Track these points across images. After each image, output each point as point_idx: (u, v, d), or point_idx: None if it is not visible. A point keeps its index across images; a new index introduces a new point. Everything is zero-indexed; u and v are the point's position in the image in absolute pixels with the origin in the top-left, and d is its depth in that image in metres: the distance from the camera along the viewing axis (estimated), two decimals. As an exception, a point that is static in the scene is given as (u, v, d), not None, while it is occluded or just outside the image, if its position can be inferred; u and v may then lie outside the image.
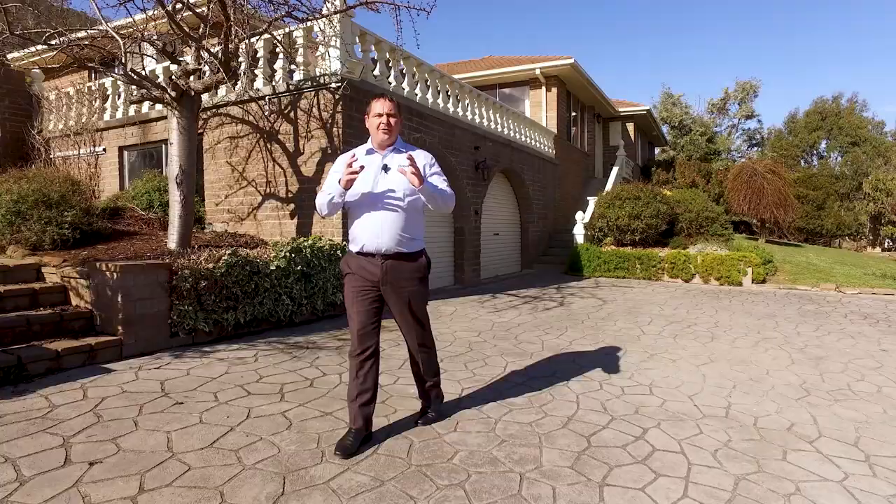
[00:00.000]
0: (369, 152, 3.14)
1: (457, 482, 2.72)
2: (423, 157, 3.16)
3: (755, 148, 35.39)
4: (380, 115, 3.07)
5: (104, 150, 9.90)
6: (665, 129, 31.15)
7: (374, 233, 3.02)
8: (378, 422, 3.40)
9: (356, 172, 2.85)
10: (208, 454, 2.92)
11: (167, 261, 4.97)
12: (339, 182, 2.91)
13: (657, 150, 30.12)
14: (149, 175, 8.50)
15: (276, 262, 5.64)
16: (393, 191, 3.02)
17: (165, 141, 9.06)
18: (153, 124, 9.08)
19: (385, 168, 3.06)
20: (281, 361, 4.71)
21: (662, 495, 2.67)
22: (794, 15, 69.00)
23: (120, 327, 4.54)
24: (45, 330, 4.46)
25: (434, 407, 3.52)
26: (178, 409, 3.55)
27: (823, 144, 36.14)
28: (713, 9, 74.95)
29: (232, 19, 5.51)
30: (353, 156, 3.07)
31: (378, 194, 3.02)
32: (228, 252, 5.25)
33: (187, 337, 5.06)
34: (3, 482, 2.55)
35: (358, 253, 3.09)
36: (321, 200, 3.08)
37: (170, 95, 5.87)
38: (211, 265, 5.07)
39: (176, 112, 5.94)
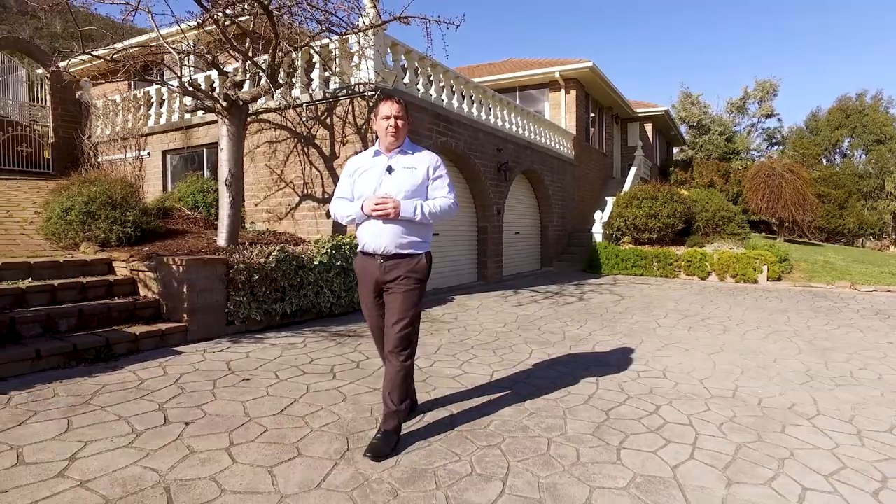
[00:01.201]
0: (376, 154, 3.15)
1: (494, 444, 3.18)
2: (427, 160, 3.15)
3: (775, 147, 35.26)
4: (387, 118, 3.05)
5: (148, 153, 10.53)
6: (684, 128, 31.24)
7: (375, 233, 3.02)
8: (422, 396, 3.88)
9: (385, 212, 2.92)
10: (280, 419, 3.42)
11: (224, 256, 5.51)
12: (363, 208, 2.98)
13: (675, 150, 30.23)
14: (192, 177, 9.09)
15: (318, 258, 6.16)
16: (397, 192, 3.01)
17: (206, 145, 9.68)
18: (195, 130, 9.67)
19: (389, 169, 3.06)
20: (327, 347, 5.23)
21: (671, 457, 3.10)
22: (816, 13, 68.15)
23: (185, 315, 5.09)
24: (121, 317, 5.02)
25: (383, 432, 3.03)
26: (247, 384, 4.07)
27: (847, 143, 35.83)
28: (732, 8, 74.30)
29: (280, 36, 6.02)
30: (359, 164, 3.18)
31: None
32: (277, 248, 5.79)
33: (241, 325, 5.60)
34: (122, 433, 3.08)
35: (362, 252, 3.14)
36: (340, 211, 3.15)
37: (221, 105, 6.41)
38: (262, 260, 5.61)
39: (226, 120, 6.48)
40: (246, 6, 5.87)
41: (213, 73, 8.82)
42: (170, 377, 4.13)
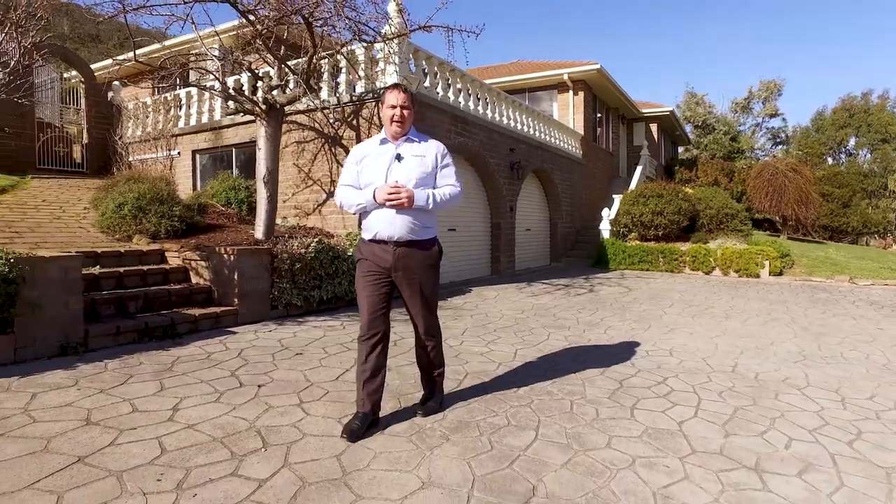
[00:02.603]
0: (383, 142, 3.17)
1: (524, 404, 3.70)
2: (435, 148, 3.20)
3: (779, 146, 35.61)
4: (393, 107, 3.07)
5: (178, 153, 11.09)
6: (689, 128, 31.65)
7: (388, 220, 3.03)
8: (460, 368, 4.41)
9: (399, 202, 2.96)
10: (337, 384, 3.95)
11: (268, 247, 6.05)
12: (374, 196, 3.00)
13: (680, 150, 30.65)
14: (223, 176, 9.62)
15: (351, 249, 6.69)
16: (407, 180, 3.04)
17: (236, 145, 10.23)
18: (225, 130, 10.22)
19: (398, 157, 3.09)
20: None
21: (677, 415, 3.61)
22: (820, 12, 68.31)
23: (236, 300, 5.63)
24: (179, 301, 5.57)
25: (437, 398, 3.52)
26: (300, 357, 4.60)
27: (852, 142, 36.13)
28: (737, 8, 74.53)
29: (317, 44, 6.55)
30: (365, 152, 3.20)
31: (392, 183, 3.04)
32: (315, 240, 6.33)
33: (283, 310, 6.14)
34: (207, 392, 3.62)
35: (371, 241, 3.12)
36: (348, 200, 3.14)
37: (260, 108, 6.94)
38: (302, 251, 6.15)
39: (264, 122, 7.02)
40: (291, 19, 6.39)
41: (243, 77, 9.37)
42: (232, 351, 4.67)
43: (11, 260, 3.94)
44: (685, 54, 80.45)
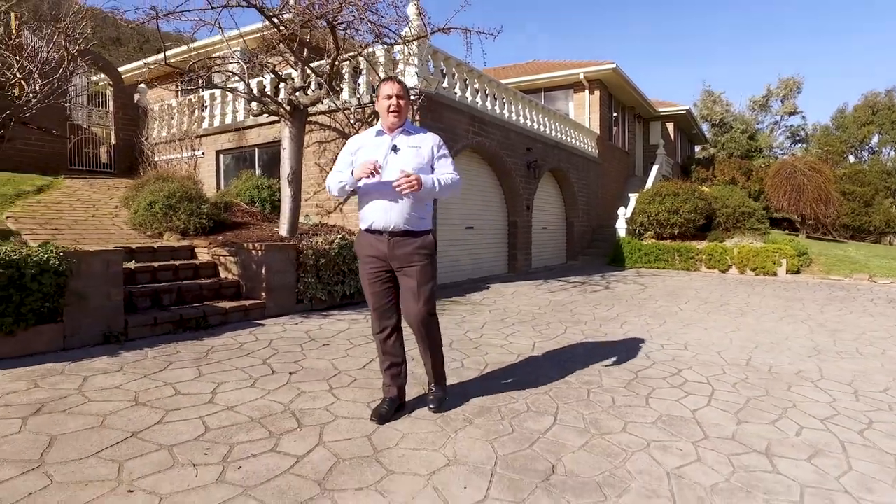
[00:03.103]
0: (379, 133, 3.18)
1: (542, 392, 3.86)
2: (431, 140, 3.21)
3: (799, 144, 35.24)
4: (389, 97, 3.09)
5: (203, 153, 11.40)
6: (706, 127, 31.45)
7: (384, 209, 3.07)
8: (480, 359, 4.58)
9: (372, 173, 2.94)
10: (364, 372, 4.14)
11: (294, 243, 6.28)
12: (353, 173, 3.03)
13: (697, 148, 30.48)
14: (246, 175, 9.88)
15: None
16: (402, 170, 3.01)
17: (259, 145, 10.49)
18: (248, 131, 10.49)
19: (394, 148, 3.10)
20: (387, 322, 5.96)
21: (691, 404, 3.75)
22: (841, 8, 67.24)
23: (263, 293, 5.86)
24: (210, 294, 5.81)
25: (439, 391, 3.49)
26: (327, 348, 4.81)
27: (875, 139, 35.59)
28: (756, 5, 73.64)
29: (340, 47, 6.77)
30: (362, 142, 3.23)
31: (389, 174, 3.03)
32: (339, 237, 6.54)
33: (308, 304, 6.36)
34: (243, 378, 3.84)
35: (367, 230, 3.17)
36: (333, 181, 3.19)
37: (285, 109, 7.17)
38: (327, 247, 6.36)
39: (289, 122, 7.25)
40: (315, 22, 6.60)
41: (266, 79, 9.62)
42: (262, 342, 4.89)
43: (61, 254, 4.19)
44: (701, 53, 79.68)
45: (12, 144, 9.47)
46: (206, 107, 11.52)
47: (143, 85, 12.48)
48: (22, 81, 4.57)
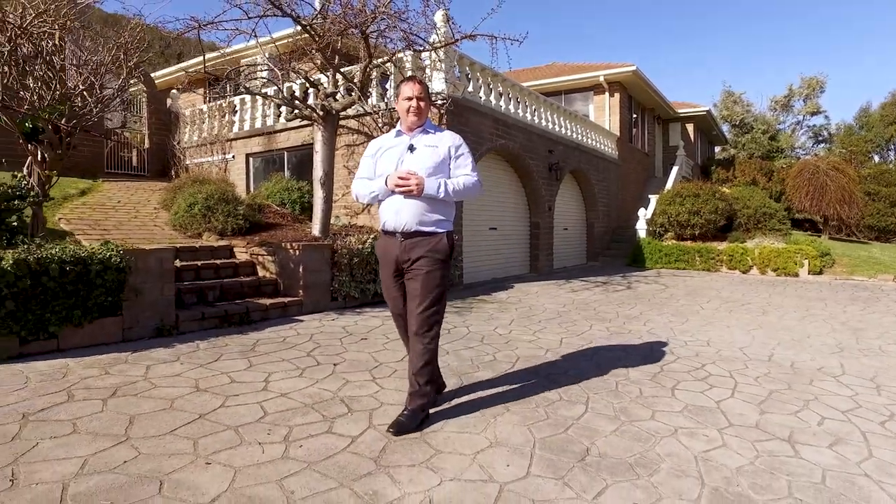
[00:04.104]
0: (398, 134, 3.16)
1: (573, 382, 4.07)
2: (449, 139, 3.14)
3: (822, 145, 34.84)
4: (409, 99, 3.06)
5: (233, 156, 11.77)
6: (726, 127, 31.28)
7: (396, 210, 3.01)
8: (511, 353, 4.81)
9: (408, 188, 2.93)
10: (403, 364, 4.38)
11: (329, 242, 6.56)
12: (386, 183, 2.99)
13: (717, 149, 30.34)
14: (276, 178, 10.21)
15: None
16: (418, 170, 2.98)
17: (287, 149, 10.82)
18: (277, 135, 10.83)
19: (411, 148, 3.07)
20: (418, 318, 6.21)
21: (715, 395, 3.92)
22: (865, 4, 66.09)
23: (301, 291, 6.15)
24: (250, 291, 6.12)
25: (413, 414, 3.11)
26: (366, 342, 5.06)
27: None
28: (777, 4, 72.77)
29: (372, 55, 7.04)
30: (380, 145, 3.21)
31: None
32: (372, 237, 6.81)
33: (342, 301, 6.64)
34: (290, 369, 4.11)
35: (383, 231, 3.16)
36: (361, 190, 3.18)
37: (318, 114, 7.46)
38: (360, 246, 6.64)
39: (321, 127, 7.53)
40: (350, 30, 6.88)
41: (295, 85, 9.94)
42: (303, 336, 5.16)
43: (121, 251, 4.50)
44: (721, 53, 78.92)
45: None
46: (236, 111, 11.89)
47: (175, 90, 12.90)
48: (84, 92, 4.90)
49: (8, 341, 3.96)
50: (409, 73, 8.85)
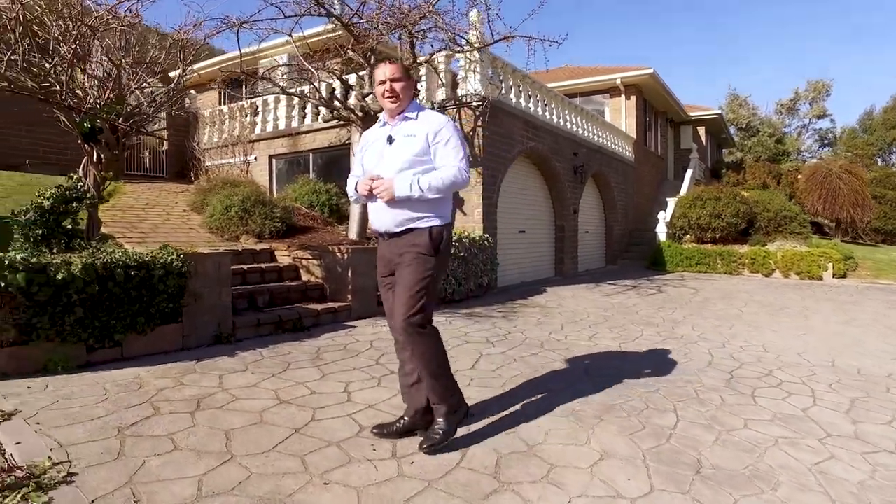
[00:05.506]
0: (383, 124, 2.90)
1: (652, 390, 3.98)
2: (426, 125, 2.76)
3: (827, 148, 34.92)
4: (382, 83, 2.75)
5: (255, 157, 11.64)
6: (732, 130, 31.33)
7: (375, 210, 2.82)
8: (568, 351, 4.72)
9: (368, 194, 2.77)
10: (475, 372, 4.29)
11: (375, 245, 6.44)
12: (356, 187, 2.85)
13: (724, 152, 30.38)
14: (303, 180, 10.07)
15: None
16: (394, 164, 2.73)
17: (313, 150, 10.71)
18: (302, 136, 10.71)
19: (389, 140, 2.79)
20: (469, 325, 6.11)
21: (798, 403, 3.85)
22: (870, 10, 66.36)
23: (349, 296, 6.04)
24: (297, 297, 6.01)
25: (444, 423, 2.82)
26: (425, 348, 4.96)
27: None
28: (781, 8, 73.01)
29: (416, 56, 6.96)
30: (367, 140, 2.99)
31: (383, 170, 2.76)
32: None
33: (386, 306, 6.53)
34: (365, 378, 4.00)
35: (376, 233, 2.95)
36: (349, 191, 3.02)
37: (356, 115, 7.37)
38: (404, 250, 6.53)
39: (359, 128, 7.43)
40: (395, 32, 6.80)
41: (322, 85, 9.83)
42: (363, 343, 5.05)
43: (181, 255, 4.39)
44: (725, 56, 79.09)
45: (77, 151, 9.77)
46: (258, 112, 11.76)
47: (193, 91, 12.76)
48: (137, 91, 4.81)
49: (76, 349, 3.85)
50: (442, 74, 8.76)
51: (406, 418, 2.98)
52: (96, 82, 4.59)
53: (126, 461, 2.53)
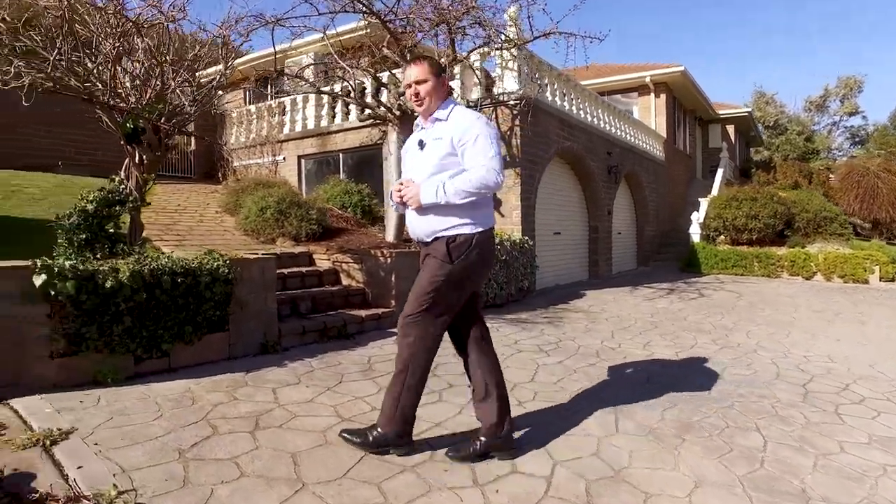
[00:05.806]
0: (420, 129, 2.81)
1: (727, 406, 3.73)
2: (453, 127, 2.60)
3: (859, 146, 33.98)
4: (408, 86, 2.69)
5: (284, 158, 11.52)
6: (758, 128, 30.67)
7: (409, 220, 2.76)
8: (620, 358, 4.47)
9: (400, 201, 2.72)
10: (536, 385, 4.07)
11: (417, 249, 6.25)
12: (391, 196, 2.80)
13: (751, 150, 29.74)
14: (334, 181, 9.90)
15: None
16: (424, 170, 2.63)
17: (343, 150, 10.55)
18: (332, 136, 10.56)
19: (420, 144, 2.71)
20: (517, 332, 5.89)
21: (891, 423, 3.57)
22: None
23: (392, 301, 5.85)
24: (339, 302, 5.83)
25: (378, 432, 2.77)
26: (477, 357, 4.74)
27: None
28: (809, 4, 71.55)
29: (457, 54, 6.75)
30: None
31: (415, 176, 2.69)
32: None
33: (428, 311, 6.32)
34: (431, 391, 3.79)
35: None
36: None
37: (394, 114, 7.18)
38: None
39: (396, 129, 7.24)
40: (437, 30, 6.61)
41: (365, 82, 9.65)
42: (411, 351, 4.84)
43: (227, 261, 4.22)
44: (751, 52, 77.73)
45: (108, 152, 9.74)
46: (286, 111, 11.64)
47: (220, 91, 12.67)
48: (178, 90, 4.66)
49: (124, 360, 3.70)
50: (478, 72, 8.54)
51: (483, 438, 2.79)
52: (138, 81, 4.44)
53: (193, 490, 2.34)
